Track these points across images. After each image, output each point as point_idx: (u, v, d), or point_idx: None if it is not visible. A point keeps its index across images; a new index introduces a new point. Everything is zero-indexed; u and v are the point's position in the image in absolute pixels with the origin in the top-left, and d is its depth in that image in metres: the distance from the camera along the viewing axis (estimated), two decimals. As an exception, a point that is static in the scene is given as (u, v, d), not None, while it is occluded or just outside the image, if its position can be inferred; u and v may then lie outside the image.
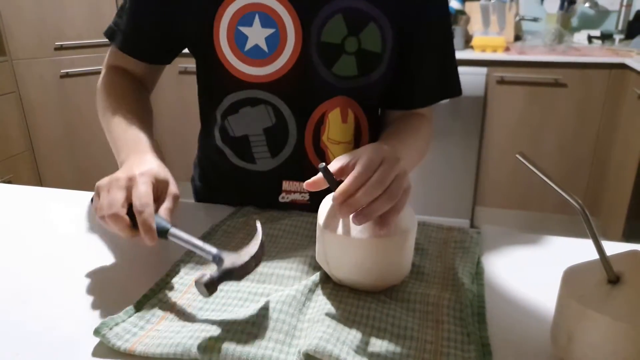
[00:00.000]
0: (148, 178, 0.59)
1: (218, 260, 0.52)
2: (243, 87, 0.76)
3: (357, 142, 0.82)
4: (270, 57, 0.73)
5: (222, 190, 0.88)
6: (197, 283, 0.49)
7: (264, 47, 0.73)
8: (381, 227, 0.52)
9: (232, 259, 0.51)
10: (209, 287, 0.49)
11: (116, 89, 0.81)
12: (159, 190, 0.61)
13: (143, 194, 0.57)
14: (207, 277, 0.49)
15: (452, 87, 0.83)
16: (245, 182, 0.83)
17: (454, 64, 0.82)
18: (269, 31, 0.72)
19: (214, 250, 0.53)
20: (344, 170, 0.55)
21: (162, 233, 0.57)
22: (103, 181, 0.60)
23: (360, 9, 0.72)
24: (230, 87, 0.77)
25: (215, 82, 0.78)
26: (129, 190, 0.58)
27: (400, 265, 0.56)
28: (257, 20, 0.72)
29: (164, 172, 0.63)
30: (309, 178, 0.61)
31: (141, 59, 0.82)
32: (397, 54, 0.77)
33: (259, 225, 0.56)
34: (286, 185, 0.81)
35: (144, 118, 0.77)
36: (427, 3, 0.76)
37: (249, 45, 0.73)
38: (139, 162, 0.63)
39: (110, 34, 0.82)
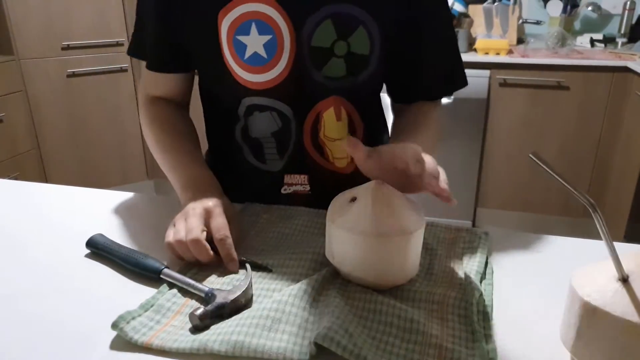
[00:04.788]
0: (221, 210, 0.66)
1: (210, 296, 0.56)
2: (251, 94, 0.79)
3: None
4: (269, 64, 0.75)
5: (227, 185, 0.89)
6: (191, 315, 0.53)
7: (263, 53, 0.75)
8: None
9: (223, 295, 0.55)
10: (202, 319, 0.52)
11: (162, 124, 0.84)
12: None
13: (222, 224, 0.64)
14: (201, 311, 0.53)
15: (458, 79, 0.85)
16: (253, 179, 0.86)
17: (458, 55, 0.85)
18: (266, 38, 0.74)
19: (205, 287, 0.57)
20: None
21: (155, 273, 0.61)
22: (179, 214, 0.66)
23: (349, 14, 0.74)
24: (243, 93, 0.79)
25: (229, 87, 0.80)
26: (206, 219, 0.65)
27: (404, 265, 0.58)
28: (253, 28, 0.73)
29: (232, 208, 0.71)
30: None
31: (166, 70, 0.84)
32: (386, 55, 0.79)
33: (248, 266, 0.61)
34: (288, 178, 0.85)
35: (195, 148, 0.82)
36: (419, 3, 0.77)
37: (248, 53, 0.75)
38: (211, 196, 0.69)
39: (135, 52, 0.86)
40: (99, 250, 0.67)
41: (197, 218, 0.64)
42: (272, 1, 0.72)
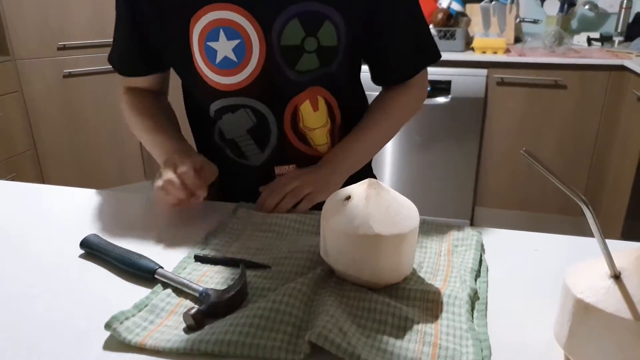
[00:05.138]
0: (187, 159, 0.76)
1: (205, 296, 0.56)
2: (222, 96, 0.84)
3: (332, 121, 0.89)
4: (240, 66, 0.79)
5: (221, 184, 0.93)
6: (185, 315, 0.52)
7: (233, 57, 0.79)
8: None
9: (217, 295, 0.55)
10: (196, 319, 0.52)
11: (142, 110, 0.91)
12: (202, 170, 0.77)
13: (185, 165, 0.75)
14: (195, 311, 0.52)
15: (429, 55, 0.89)
16: (241, 174, 0.90)
17: (427, 28, 0.88)
18: (235, 42, 0.78)
19: (200, 287, 0.57)
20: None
21: (149, 273, 0.61)
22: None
23: (314, 11, 0.77)
24: (213, 97, 0.84)
25: (201, 92, 0.86)
26: (175, 167, 0.75)
27: (398, 264, 0.58)
28: (222, 34, 0.77)
29: (200, 159, 0.79)
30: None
31: (138, 75, 0.91)
32: (353, 43, 0.83)
33: (242, 266, 0.60)
34: (278, 170, 0.89)
35: (174, 127, 0.91)
36: None
37: (219, 58, 0.79)
38: (181, 153, 0.79)
39: (113, 63, 0.93)
40: (93, 250, 0.67)
41: (169, 170, 0.75)
42: (238, 8, 0.76)
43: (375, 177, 1.02)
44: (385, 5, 0.81)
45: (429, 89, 1.02)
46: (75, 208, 0.84)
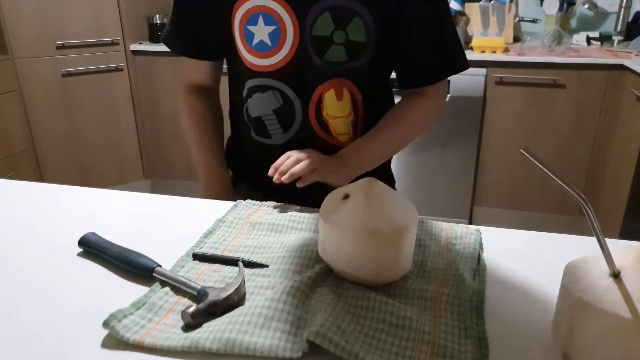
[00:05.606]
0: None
1: (203, 294, 0.56)
2: (255, 76, 0.90)
3: (356, 114, 0.93)
4: (273, 50, 0.86)
5: (244, 162, 1.02)
6: (183, 313, 0.52)
7: (268, 41, 0.86)
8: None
9: (215, 293, 0.55)
10: (194, 317, 0.52)
11: (196, 119, 1.00)
12: None
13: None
14: (193, 309, 0.52)
15: (453, 63, 0.90)
16: (264, 155, 0.94)
17: (453, 40, 0.90)
18: (271, 28, 0.85)
19: (198, 285, 0.57)
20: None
21: (147, 271, 0.61)
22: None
23: (345, 7, 0.83)
24: (247, 76, 0.91)
25: (238, 71, 0.93)
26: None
27: (396, 262, 0.58)
28: (260, 19, 0.85)
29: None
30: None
31: (195, 57, 0.97)
32: (383, 42, 0.86)
33: (241, 264, 0.60)
34: None
35: (219, 146, 1.01)
36: None
37: (255, 41, 0.87)
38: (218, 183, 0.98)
39: (166, 41, 0.98)
40: (92, 248, 0.67)
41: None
42: None
43: (393, 179, 1.06)
44: (413, 6, 0.84)
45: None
46: (73, 206, 0.83)
